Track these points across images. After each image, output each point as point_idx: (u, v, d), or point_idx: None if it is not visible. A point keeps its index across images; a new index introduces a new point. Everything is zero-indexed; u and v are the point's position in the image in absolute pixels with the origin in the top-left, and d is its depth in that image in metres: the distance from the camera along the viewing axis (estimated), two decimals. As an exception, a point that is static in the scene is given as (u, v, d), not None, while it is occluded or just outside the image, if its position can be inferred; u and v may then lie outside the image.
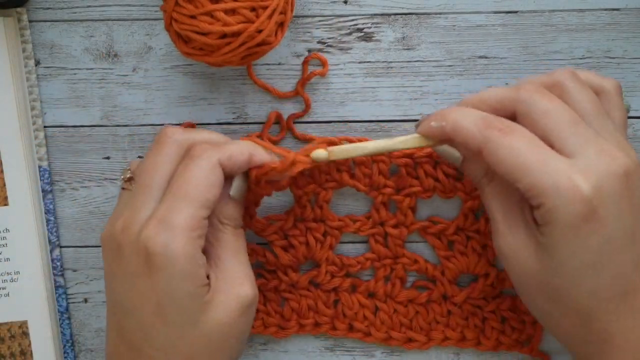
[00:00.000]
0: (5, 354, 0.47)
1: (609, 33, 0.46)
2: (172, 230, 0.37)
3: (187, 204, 0.38)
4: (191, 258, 0.38)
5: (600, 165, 0.36)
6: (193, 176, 0.38)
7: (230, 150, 0.40)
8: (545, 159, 0.36)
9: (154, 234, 0.37)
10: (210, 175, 0.39)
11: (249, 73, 0.46)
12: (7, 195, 0.46)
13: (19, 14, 0.45)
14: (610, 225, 0.36)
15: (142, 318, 0.38)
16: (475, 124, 0.38)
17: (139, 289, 0.38)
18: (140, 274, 0.38)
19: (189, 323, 0.38)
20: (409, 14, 0.46)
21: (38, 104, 0.46)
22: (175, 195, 0.38)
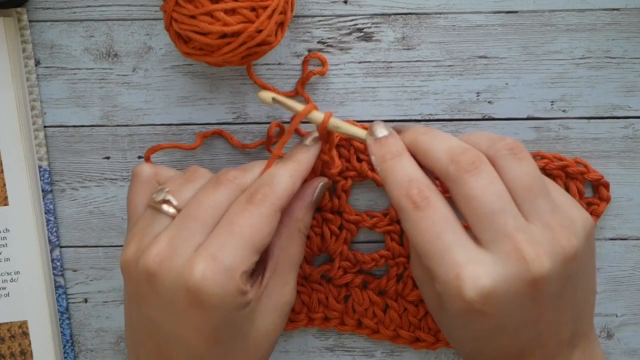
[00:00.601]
0: (5, 354, 0.47)
1: (609, 33, 0.46)
2: (227, 272, 0.36)
3: (243, 246, 0.36)
4: (240, 292, 0.36)
5: (504, 267, 0.35)
6: (254, 221, 0.37)
7: (286, 191, 0.39)
8: (446, 248, 0.35)
9: (209, 274, 0.35)
10: (271, 223, 0.38)
11: (249, 73, 0.46)
12: (7, 195, 0.46)
13: (19, 14, 0.45)
14: (499, 319, 0.35)
15: (194, 345, 0.37)
16: (401, 185, 0.37)
17: (189, 321, 0.36)
18: (190, 307, 0.36)
19: (241, 338, 0.38)
20: (409, 14, 0.46)
21: (38, 104, 0.46)
22: (231, 234, 0.36)
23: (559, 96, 0.46)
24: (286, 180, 0.39)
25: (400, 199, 0.37)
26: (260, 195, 0.38)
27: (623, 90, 0.46)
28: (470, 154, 0.37)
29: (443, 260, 0.35)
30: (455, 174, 0.36)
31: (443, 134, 0.39)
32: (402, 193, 0.37)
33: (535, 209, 0.36)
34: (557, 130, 0.46)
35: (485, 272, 0.34)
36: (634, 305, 0.48)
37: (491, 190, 0.36)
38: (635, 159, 0.47)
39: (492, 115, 0.46)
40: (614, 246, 0.47)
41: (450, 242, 0.35)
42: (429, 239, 0.36)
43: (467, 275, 0.34)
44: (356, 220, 0.46)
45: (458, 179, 0.36)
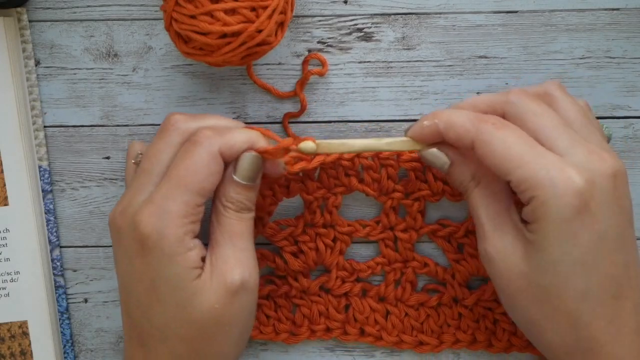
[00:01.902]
0: (5, 354, 0.47)
1: (609, 33, 0.46)
2: (165, 216, 0.38)
3: (182, 192, 0.38)
4: (180, 241, 0.38)
5: (591, 164, 0.37)
6: (191, 163, 0.38)
7: (232, 139, 0.40)
8: (538, 152, 0.37)
9: (147, 217, 0.38)
10: (210, 164, 0.39)
11: (248, 73, 0.46)
12: (7, 195, 0.46)
13: (19, 14, 0.45)
14: (603, 222, 0.36)
15: (140, 297, 0.39)
16: (469, 119, 0.38)
17: (136, 269, 0.39)
18: (136, 254, 0.39)
19: (182, 305, 0.39)
20: (409, 14, 0.46)
21: (38, 104, 0.46)
22: (171, 182, 0.38)
23: (559, 96, 0.46)
24: (234, 123, 0.41)
25: (479, 125, 0.38)
26: (200, 136, 0.39)
27: (623, 90, 0.46)
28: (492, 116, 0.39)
29: (541, 161, 0.36)
30: (514, 98, 0.39)
31: (456, 110, 0.41)
32: (476, 122, 0.38)
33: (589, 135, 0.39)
34: (557, 130, 0.46)
35: (580, 168, 0.36)
36: (634, 305, 0.48)
37: (552, 111, 0.39)
38: (635, 159, 0.47)
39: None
40: (614, 246, 0.47)
41: (540, 148, 0.37)
42: (520, 147, 0.37)
43: (570, 170, 0.36)
44: (349, 231, 0.46)
45: (518, 102, 0.39)
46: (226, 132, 0.40)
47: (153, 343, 0.39)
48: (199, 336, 0.39)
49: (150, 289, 0.39)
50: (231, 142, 0.39)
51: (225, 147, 0.39)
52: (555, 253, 0.37)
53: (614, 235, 0.37)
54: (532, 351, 0.46)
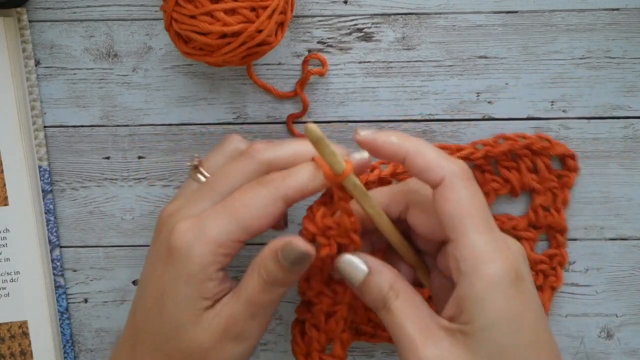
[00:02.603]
0: (5, 354, 0.47)
1: (609, 33, 0.46)
2: (201, 236, 0.37)
3: (228, 220, 0.37)
4: (204, 267, 0.37)
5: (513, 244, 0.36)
6: (250, 200, 0.37)
7: (299, 181, 0.37)
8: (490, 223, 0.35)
9: (185, 230, 0.37)
10: (268, 207, 0.37)
11: (248, 73, 0.46)
12: (7, 195, 0.46)
13: (19, 14, 0.45)
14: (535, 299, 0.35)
15: (148, 301, 0.39)
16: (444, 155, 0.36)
17: (156, 274, 0.38)
18: (161, 260, 0.38)
19: (178, 327, 0.38)
20: (409, 14, 0.46)
21: (38, 104, 0.46)
22: (224, 208, 0.37)
23: (559, 96, 0.46)
24: (303, 175, 0.38)
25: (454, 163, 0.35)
26: (269, 178, 0.38)
27: (623, 90, 0.46)
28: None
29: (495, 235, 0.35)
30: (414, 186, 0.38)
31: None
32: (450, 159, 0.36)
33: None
34: (557, 130, 0.46)
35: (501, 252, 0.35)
36: (634, 305, 0.48)
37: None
38: (635, 159, 0.47)
39: (492, 115, 0.46)
40: (614, 246, 0.47)
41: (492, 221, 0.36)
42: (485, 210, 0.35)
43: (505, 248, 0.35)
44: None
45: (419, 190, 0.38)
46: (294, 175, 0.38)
47: (142, 350, 0.39)
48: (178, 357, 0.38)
49: (159, 298, 0.38)
50: (297, 186, 0.37)
51: (291, 193, 0.37)
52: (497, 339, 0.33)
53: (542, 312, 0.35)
54: None
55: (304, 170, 0.38)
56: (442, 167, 0.35)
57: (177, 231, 0.37)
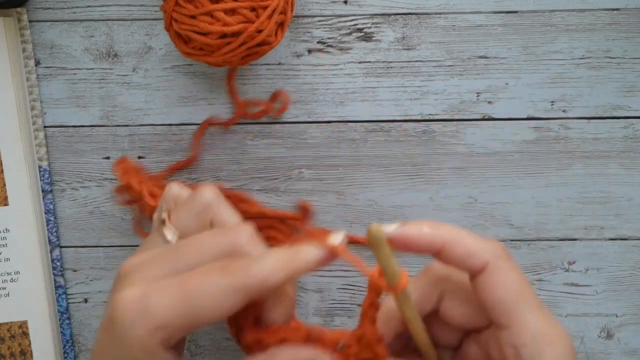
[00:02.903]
0: (5, 354, 0.47)
1: (609, 33, 0.46)
2: (144, 316, 0.32)
3: (178, 304, 0.32)
4: (147, 351, 0.33)
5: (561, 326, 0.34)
6: (206, 286, 0.32)
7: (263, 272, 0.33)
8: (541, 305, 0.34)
9: (128, 304, 0.33)
10: (224, 298, 0.32)
11: (228, 77, 0.46)
12: (7, 195, 0.46)
13: (19, 14, 0.45)
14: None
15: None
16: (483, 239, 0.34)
17: (100, 338, 0.35)
18: (104, 326, 0.34)
19: None
20: (409, 14, 0.46)
21: (38, 104, 0.46)
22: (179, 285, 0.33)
23: (559, 96, 0.46)
24: (270, 267, 0.33)
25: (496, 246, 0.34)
26: (234, 265, 0.33)
27: (623, 90, 0.46)
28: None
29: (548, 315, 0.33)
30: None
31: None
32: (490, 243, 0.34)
33: None
34: (557, 130, 0.47)
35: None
36: (634, 305, 0.48)
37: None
38: (635, 159, 0.47)
39: (492, 115, 0.47)
40: (614, 246, 0.47)
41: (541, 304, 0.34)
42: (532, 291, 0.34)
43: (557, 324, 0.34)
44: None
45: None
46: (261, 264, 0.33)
47: None
48: None
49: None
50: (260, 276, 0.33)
51: (255, 284, 0.33)
52: None
53: None
54: None
55: (272, 258, 0.33)
56: (484, 251, 0.33)
57: (120, 301, 0.33)
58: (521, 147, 0.47)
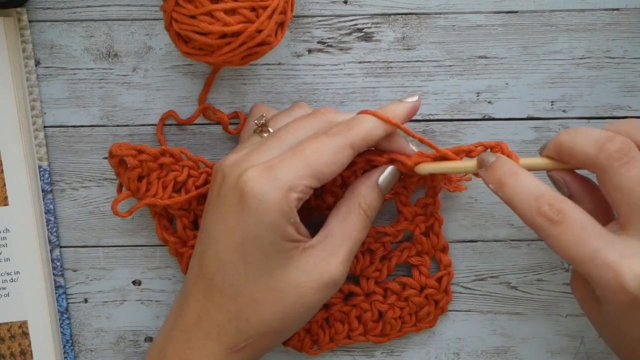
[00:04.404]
0: (5, 354, 0.47)
1: (609, 33, 0.46)
2: (275, 182, 0.37)
3: (301, 167, 0.38)
4: (283, 213, 0.38)
5: None
6: (320, 147, 0.38)
7: (364, 130, 0.40)
8: (596, 251, 0.36)
9: (257, 177, 0.38)
10: (338, 154, 0.39)
11: (210, 75, 0.46)
12: (7, 195, 0.46)
13: (19, 14, 0.45)
14: None
15: (223, 251, 0.39)
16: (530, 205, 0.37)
17: (228, 223, 0.39)
18: (232, 209, 0.38)
19: (267, 270, 0.39)
20: (409, 14, 0.46)
21: (38, 104, 0.46)
22: (294, 154, 0.38)
23: (559, 96, 0.46)
24: (366, 125, 0.40)
25: (535, 219, 0.37)
26: (335, 129, 0.39)
27: (623, 90, 0.46)
28: (618, 140, 0.37)
29: (596, 263, 0.35)
30: (605, 163, 0.37)
31: (584, 128, 0.39)
32: (533, 212, 0.37)
33: None
34: (557, 130, 0.47)
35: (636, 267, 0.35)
36: (634, 305, 0.48)
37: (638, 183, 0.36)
38: (635, 159, 0.47)
39: (492, 115, 0.47)
40: (614, 246, 0.47)
41: (597, 245, 0.36)
42: (576, 249, 0.36)
43: (625, 270, 0.35)
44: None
45: (609, 168, 0.36)
46: (360, 125, 0.40)
47: (220, 298, 0.39)
48: (272, 306, 0.39)
49: (238, 247, 0.38)
50: (362, 133, 0.39)
51: (358, 139, 0.39)
52: (614, 330, 0.38)
53: None
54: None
55: (367, 119, 0.40)
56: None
57: (249, 178, 0.38)
58: (521, 147, 0.47)
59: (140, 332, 0.48)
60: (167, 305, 0.48)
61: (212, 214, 0.40)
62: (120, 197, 0.44)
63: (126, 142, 0.43)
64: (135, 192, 0.44)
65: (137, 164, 0.43)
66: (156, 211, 0.45)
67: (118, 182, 0.45)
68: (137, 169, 0.43)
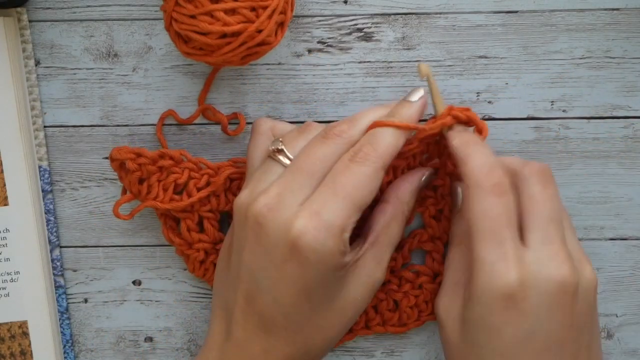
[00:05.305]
0: (5, 354, 0.47)
1: (609, 33, 0.46)
2: (328, 230, 0.37)
3: (347, 207, 0.38)
4: (341, 253, 0.38)
5: (545, 267, 0.37)
6: (358, 180, 0.38)
7: (390, 149, 0.40)
8: (504, 240, 0.38)
9: (310, 229, 0.37)
10: (373, 181, 0.39)
11: (209, 77, 0.46)
12: (7, 195, 0.46)
13: (19, 14, 0.45)
14: (533, 324, 0.37)
15: (283, 297, 0.38)
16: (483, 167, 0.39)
17: (284, 272, 0.38)
18: (287, 260, 0.37)
19: (328, 298, 0.39)
20: (409, 14, 0.46)
21: (38, 104, 0.46)
22: (335, 193, 0.38)
23: (559, 96, 0.46)
24: (389, 140, 0.40)
25: (480, 178, 0.38)
26: (362, 154, 0.39)
27: (623, 90, 0.46)
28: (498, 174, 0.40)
29: (497, 250, 0.38)
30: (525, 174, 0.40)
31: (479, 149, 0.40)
32: (483, 172, 0.39)
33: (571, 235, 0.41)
34: (557, 130, 0.47)
35: (530, 267, 0.37)
36: (634, 305, 0.48)
37: (552, 199, 0.40)
38: (635, 159, 0.47)
39: (492, 115, 0.47)
40: (614, 246, 0.47)
41: (507, 236, 0.38)
42: (491, 226, 0.38)
43: (514, 264, 0.37)
44: None
45: (527, 179, 0.40)
46: (382, 142, 0.39)
47: (285, 334, 0.39)
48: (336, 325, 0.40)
49: (300, 292, 0.38)
50: (389, 155, 0.40)
51: (387, 162, 0.40)
52: (480, 338, 0.39)
53: (548, 339, 0.37)
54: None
55: (388, 133, 0.40)
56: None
57: (301, 233, 0.37)
58: (521, 147, 0.47)
59: (140, 332, 0.48)
60: (167, 305, 0.48)
61: (257, 259, 0.39)
62: (123, 200, 0.44)
63: (126, 146, 0.43)
64: (137, 195, 0.44)
65: (136, 168, 0.43)
66: (161, 212, 0.45)
67: (122, 184, 0.45)
68: (136, 172, 0.43)
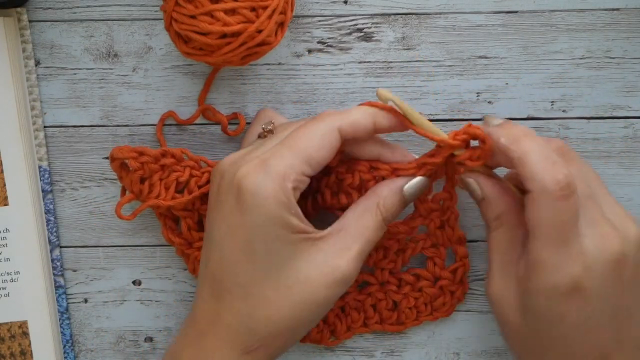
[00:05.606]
0: (5, 354, 0.47)
1: (609, 33, 0.46)
2: (268, 174, 0.37)
3: (290, 154, 0.38)
4: (281, 203, 0.37)
5: (601, 252, 0.37)
6: (307, 132, 0.39)
7: (352, 116, 0.39)
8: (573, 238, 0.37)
9: (250, 173, 0.37)
10: (325, 136, 0.38)
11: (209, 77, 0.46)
12: (7, 195, 0.46)
13: (19, 14, 0.45)
14: (596, 303, 0.37)
15: (227, 252, 0.38)
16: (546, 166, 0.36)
17: (229, 224, 0.38)
18: (232, 208, 0.38)
19: (275, 266, 0.38)
20: (409, 14, 0.46)
21: (38, 104, 0.46)
22: (283, 144, 0.38)
23: (559, 96, 0.46)
24: (356, 110, 0.40)
25: (546, 181, 0.36)
26: (324, 114, 0.40)
27: (623, 90, 0.46)
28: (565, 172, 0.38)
29: (563, 249, 0.36)
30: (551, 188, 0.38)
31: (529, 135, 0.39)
32: (548, 173, 0.36)
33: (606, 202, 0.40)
34: (557, 130, 0.47)
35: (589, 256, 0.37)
36: (634, 305, 0.48)
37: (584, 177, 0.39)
38: (635, 159, 0.47)
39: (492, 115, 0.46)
40: (614, 246, 0.47)
41: (572, 236, 0.37)
42: (558, 231, 0.36)
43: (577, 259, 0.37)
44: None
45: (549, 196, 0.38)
46: (347, 111, 0.40)
47: (230, 299, 0.39)
48: (283, 302, 0.38)
49: (243, 246, 0.38)
50: (350, 119, 0.39)
51: (346, 124, 0.39)
52: (541, 326, 0.38)
53: (603, 312, 0.37)
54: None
55: (357, 107, 0.40)
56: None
57: (243, 175, 0.38)
58: (521, 147, 0.47)
59: (140, 332, 0.48)
60: (167, 305, 0.48)
61: (213, 215, 0.40)
62: (124, 200, 0.44)
63: (127, 145, 0.43)
64: (138, 195, 0.44)
65: (138, 166, 0.43)
66: (161, 212, 0.45)
67: (122, 184, 0.45)
68: (138, 171, 0.43)
